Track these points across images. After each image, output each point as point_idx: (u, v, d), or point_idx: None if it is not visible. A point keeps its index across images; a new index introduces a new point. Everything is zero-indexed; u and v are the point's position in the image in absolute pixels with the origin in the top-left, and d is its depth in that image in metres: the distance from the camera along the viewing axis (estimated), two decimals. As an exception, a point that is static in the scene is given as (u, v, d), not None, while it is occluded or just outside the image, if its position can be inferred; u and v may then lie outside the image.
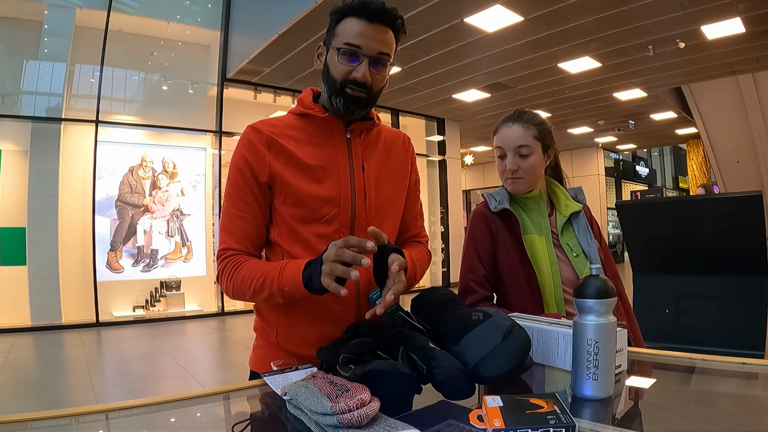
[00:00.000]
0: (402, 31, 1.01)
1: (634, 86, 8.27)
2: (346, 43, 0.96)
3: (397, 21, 0.99)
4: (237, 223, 1.01)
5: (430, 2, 4.97)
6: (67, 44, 6.61)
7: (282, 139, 1.02)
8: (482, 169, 16.96)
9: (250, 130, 1.04)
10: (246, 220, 1.02)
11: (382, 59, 0.99)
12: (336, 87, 0.99)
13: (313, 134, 1.04)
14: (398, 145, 1.15)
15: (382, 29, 0.97)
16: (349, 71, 0.98)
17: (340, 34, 0.98)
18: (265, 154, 1.01)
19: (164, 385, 3.96)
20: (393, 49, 1.01)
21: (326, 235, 1.02)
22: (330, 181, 1.02)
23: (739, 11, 5.35)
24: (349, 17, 0.97)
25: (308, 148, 1.03)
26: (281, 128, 1.04)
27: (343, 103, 1.00)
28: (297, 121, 1.06)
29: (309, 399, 0.66)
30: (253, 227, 1.02)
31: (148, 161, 7.11)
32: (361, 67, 0.97)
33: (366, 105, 1.02)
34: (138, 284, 7.00)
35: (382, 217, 1.07)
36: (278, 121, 1.06)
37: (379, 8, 0.96)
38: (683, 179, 19.55)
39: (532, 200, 1.33)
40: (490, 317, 0.84)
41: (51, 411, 0.71)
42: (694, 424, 0.71)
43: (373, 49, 0.97)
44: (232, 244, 1.01)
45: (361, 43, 0.96)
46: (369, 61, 0.97)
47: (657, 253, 2.57)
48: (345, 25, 0.98)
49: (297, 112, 1.07)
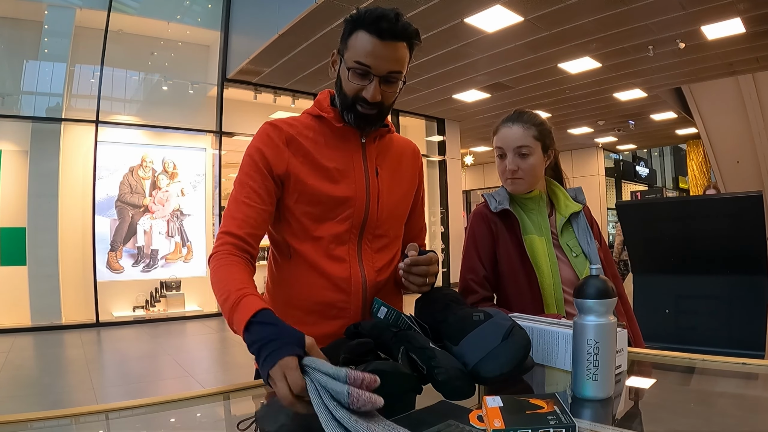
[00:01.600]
0: (417, 41, 1.00)
1: (634, 86, 8.27)
2: (357, 61, 0.95)
3: (410, 35, 0.97)
4: (242, 208, 0.99)
5: (430, 2, 4.97)
6: (67, 44, 6.61)
7: (300, 138, 1.04)
8: (482, 169, 16.96)
9: (268, 126, 1.04)
10: (251, 207, 0.99)
11: (393, 77, 0.98)
12: (347, 103, 1.00)
13: (329, 137, 1.06)
14: (408, 155, 1.17)
15: (394, 46, 0.96)
16: (360, 89, 0.98)
17: (352, 49, 0.97)
18: (284, 150, 1.02)
19: (164, 385, 3.96)
20: (406, 63, 0.99)
21: (338, 234, 1.03)
22: (346, 183, 1.03)
23: (739, 11, 5.35)
24: (361, 30, 0.95)
25: (325, 150, 1.04)
26: (299, 128, 1.05)
27: (354, 119, 1.01)
28: (313, 122, 1.07)
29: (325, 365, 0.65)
30: (257, 215, 0.99)
31: (148, 161, 7.11)
32: (371, 87, 0.96)
33: (377, 121, 1.03)
34: (138, 284, 7.00)
35: (390, 222, 1.10)
36: (295, 120, 1.07)
37: (391, 26, 0.93)
38: (683, 179, 19.54)
39: (532, 200, 1.33)
40: (491, 317, 0.84)
41: (51, 411, 0.71)
42: (694, 424, 0.71)
43: (383, 68, 0.96)
44: (232, 228, 0.97)
45: (371, 63, 0.95)
46: (379, 80, 0.97)
47: (657, 253, 2.57)
48: (357, 39, 0.96)
49: (313, 114, 1.07)
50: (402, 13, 0.97)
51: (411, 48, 1.00)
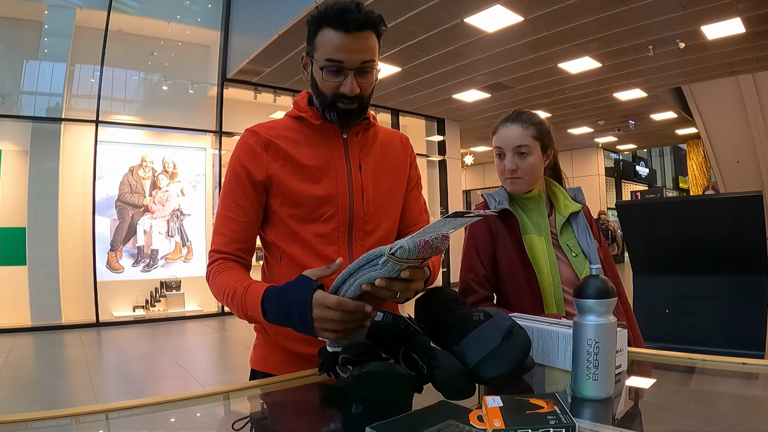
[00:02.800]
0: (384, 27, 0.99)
1: (634, 86, 8.27)
2: (328, 59, 0.95)
3: (375, 22, 0.96)
4: (227, 224, 1.03)
5: (430, 2, 4.97)
6: (67, 44, 6.62)
7: (279, 141, 1.03)
8: (482, 169, 16.97)
9: (247, 133, 1.05)
10: (235, 221, 1.02)
11: (367, 67, 0.98)
12: (327, 102, 1.00)
13: (309, 135, 1.05)
14: (396, 145, 1.16)
15: (361, 36, 0.95)
16: (337, 86, 0.97)
17: (321, 48, 0.96)
18: (263, 156, 1.02)
19: (164, 385, 3.96)
20: (376, 51, 0.99)
21: (325, 234, 1.02)
22: (327, 181, 1.03)
23: (739, 11, 5.36)
24: (326, 28, 0.95)
25: (305, 149, 1.03)
26: (278, 130, 1.05)
27: (337, 117, 1.01)
28: (293, 123, 1.07)
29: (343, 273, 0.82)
30: (242, 229, 1.03)
31: (148, 161, 7.11)
32: (347, 81, 0.96)
33: (359, 114, 1.03)
34: (138, 284, 7.00)
35: (380, 216, 1.08)
36: (275, 123, 1.07)
37: (354, 17, 0.93)
38: (683, 179, 19.55)
39: (531, 200, 1.33)
40: (491, 317, 0.84)
41: (51, 411, 0.71)
42: (694, 424, 0.71)
43: (355, 60, 0.95)
44: (220, 245, 1.02)
45: (342, 57, 0.94)
46: (354, 72, 0.96)
47: (657, 253, 2.57)
48: (323, 37, 0.95)
49: (293, 115, 1.08)
50: (362, 2, 0.97)
51: (378, 35, 0.99)
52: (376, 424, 0.61)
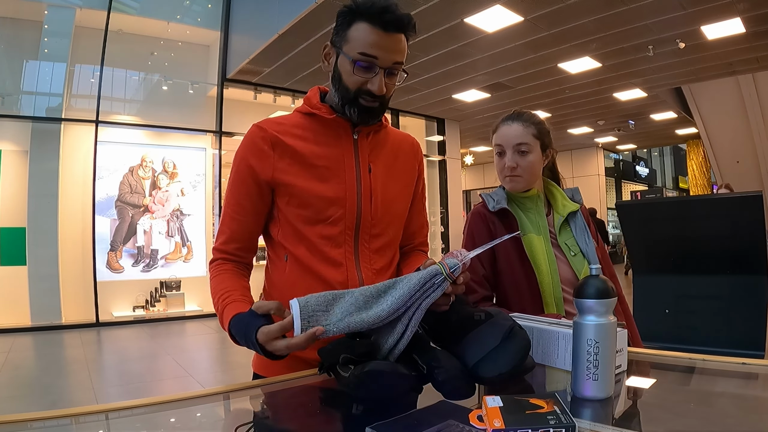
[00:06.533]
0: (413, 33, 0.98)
1: (634, 86, 8.27)
2: (362, 53, 0.93)
3: (411, 29, 0.96)
4: (228, 223, 1.03)
5: (430, 2, 4.98)
6: (67, 44, 6.61)
7: (287, 138, 1.00)
8: (482, 169, 16.96)
9: (254, 128, 1.02)
10: (237, 221, 1.02)
11: (396, 69, 0.97)
12: (350, 96, 0.97)
13: (319, 134, 1.02)
14: (406, 149, 1.13)
15: (397, 37, 0.94)
16: (364, 82, 0.95)
17: (354, 41, 0.93)
18: (269, 154, 1.00)
19: (164, 385, 3.96)
20: (405, 54, 0.98)
21: (331, 236, 1.00)
22: (336, 182, 1.00)
23: (739, 11, 5.36)
24: (362, 22, 0.93)
25: (314, 148, 1.01)
26: (286, 127, 1.02)
27: (358, 114, 0.98)
28: (303, 120, 1.04)
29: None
30: (242, 228, 1.03)
31: (148, 161, 7.11)
32: (376, 79, 0.95)
33: (380, 114, 1.02)
34: (138, 284, 7.00)
35: (387, 220, 1.06)
36: (284, 119, 1.05)
37: (396, 17, 0.92)
38: (683, 179, 19.55)
39: (529, 200, 1.33)
40: (492, 317, 0.83)
41: (51, 411, 0.71)
42: (693, 424, 0.71)
43: (389, 60, 0.94)
44: (220, 244, 1.04)
45: (377, 54, 0.93)
46: (384, 71, 0.95)
47: (657, 253, 2.57)
48: (358, 30, 0.93)
49: (303, 111, 1.05)
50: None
51: (408, 41, 0.98)
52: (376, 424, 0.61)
